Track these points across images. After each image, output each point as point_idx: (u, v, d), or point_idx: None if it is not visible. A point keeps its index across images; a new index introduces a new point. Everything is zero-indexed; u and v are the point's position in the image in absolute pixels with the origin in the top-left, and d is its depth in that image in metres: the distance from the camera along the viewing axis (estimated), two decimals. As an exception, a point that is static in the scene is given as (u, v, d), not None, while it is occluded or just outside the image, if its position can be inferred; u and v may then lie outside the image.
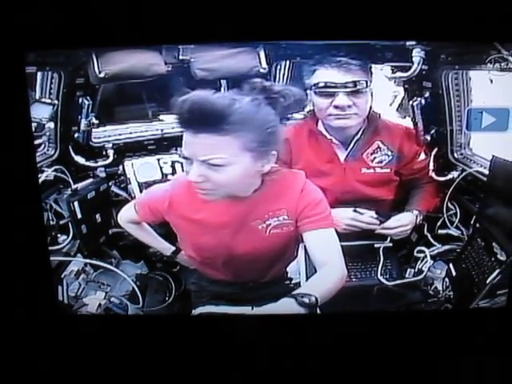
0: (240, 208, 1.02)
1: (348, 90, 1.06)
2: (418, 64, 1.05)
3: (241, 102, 0.90)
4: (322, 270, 1.00)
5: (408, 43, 1.03)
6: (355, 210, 1.15)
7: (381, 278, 1.19)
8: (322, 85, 1.07)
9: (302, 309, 0.91)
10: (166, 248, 1.17)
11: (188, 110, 0.87)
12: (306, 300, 0.92)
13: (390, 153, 1.15)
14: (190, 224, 1.05)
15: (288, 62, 1.13)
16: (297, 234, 1.04)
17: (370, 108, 1.12)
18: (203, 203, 1.01)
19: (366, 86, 1.08)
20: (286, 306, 0.92)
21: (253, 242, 1.04)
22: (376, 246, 1.19)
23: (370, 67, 1.08)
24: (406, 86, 1.13)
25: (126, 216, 1.14)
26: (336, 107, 1.08)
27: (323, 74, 1.07)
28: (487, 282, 1.12)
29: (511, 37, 0.97)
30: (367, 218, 1.15)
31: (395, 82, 1.11)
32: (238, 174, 0.93)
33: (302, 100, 1.02)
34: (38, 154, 1.08)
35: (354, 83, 1.06)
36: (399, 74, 1.08)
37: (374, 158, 1.15)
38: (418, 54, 1.04)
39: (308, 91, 1.10)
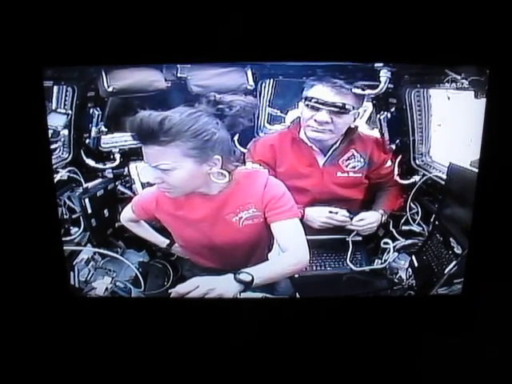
0: (213, 204, 1.10)
1: (335, 109, 1.14)
2: (385, 83, 1.11)
3: (173, 117, 0.98)
4: (281, 255, 1.08)
5: (376, 65, 1.10)
6: (330, 211, 1.23)
7: (352, 267, 1.26)
8: (314, 99, 1.14)
9: (238, 284, 1.01)
10: (162, 241, 1.24)
11: (136, 128, 0.98)
12: (243, 277, 1.02)
13: (362, 160, 1.23)
14: (175, 219, 1.15)
15: (272, 80, 1.17)
16: (267, 224, 1.11)
17: (349, 127, 1.19)
18: (183, 201, 1.11)
19: (353, 109, 1.15)
20: (225, 280, 1.02)
21: (229, 233, 1.12)
22: (347, 239, 1.26)
23: (363, 95, 1.14)
24: (374, 102, 1.18)
25: (126, 216, 1.22)
26: (315, 121, 1.16)
27: (319, 90, 1.13)
28: (445, 272, 1.22)
29: (458, 62, 1.07)
30: (340, 216, 1.23)
31: (365, 98, 1.15)
32: (185, 176, 1.03)
33: (252, 108, 1.08)
34: (53, 157, 1.14)
35: (343, 105, 1.14)
36: (368, 91, 1.13)
37: (349, 163, 1.23)
38: (384, 74, 1.11)
39: (300, 102, 1.16)
